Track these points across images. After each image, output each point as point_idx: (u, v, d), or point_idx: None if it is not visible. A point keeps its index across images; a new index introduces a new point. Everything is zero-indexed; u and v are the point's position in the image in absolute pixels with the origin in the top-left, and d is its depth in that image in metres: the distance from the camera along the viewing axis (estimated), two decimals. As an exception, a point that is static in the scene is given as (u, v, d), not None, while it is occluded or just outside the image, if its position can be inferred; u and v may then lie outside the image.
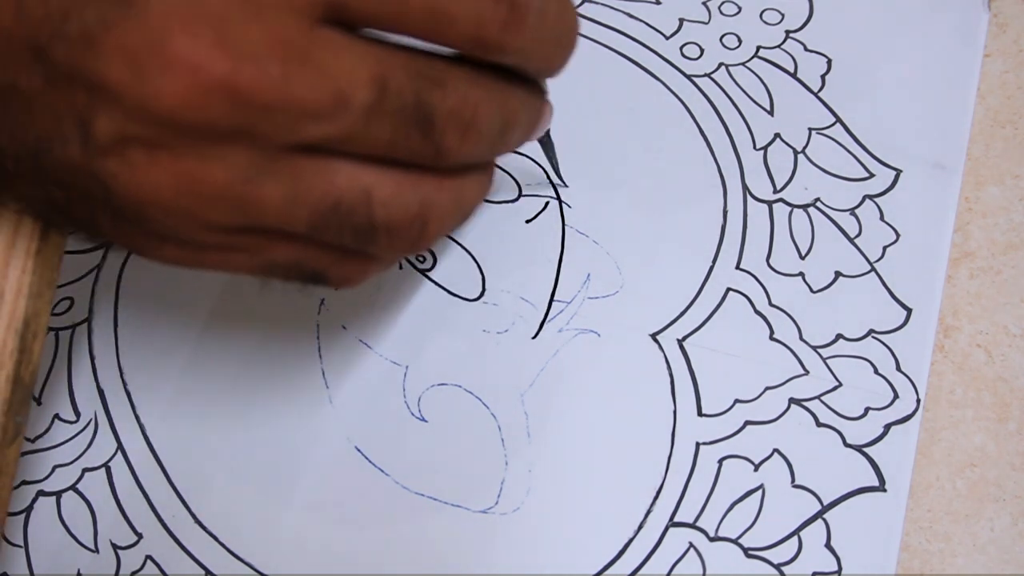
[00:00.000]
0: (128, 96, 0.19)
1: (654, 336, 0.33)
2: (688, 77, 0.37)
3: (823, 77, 0.37)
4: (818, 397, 0.31)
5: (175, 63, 0.18)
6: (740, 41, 0.38)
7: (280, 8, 0.19)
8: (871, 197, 0.34)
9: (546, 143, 0.33)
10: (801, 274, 0.33)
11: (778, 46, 0.38)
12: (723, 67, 0.37)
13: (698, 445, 0.31)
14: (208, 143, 0.20)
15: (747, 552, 0.29)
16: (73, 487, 0.32)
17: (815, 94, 0.37)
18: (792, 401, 0.31)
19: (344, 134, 0.20)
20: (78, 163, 0.20)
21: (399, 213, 0.22)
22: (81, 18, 0.19)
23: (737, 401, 0.31)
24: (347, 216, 0.22)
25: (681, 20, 0.39)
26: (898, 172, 0.35)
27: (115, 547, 0.31)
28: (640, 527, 0.30)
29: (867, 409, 0.31)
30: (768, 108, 0.36)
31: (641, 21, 0.39)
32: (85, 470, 0.33)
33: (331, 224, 0.22)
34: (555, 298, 0.33)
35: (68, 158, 0.20)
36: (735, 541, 0.29)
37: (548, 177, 0.35)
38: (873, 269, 0.33)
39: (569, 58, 0.24)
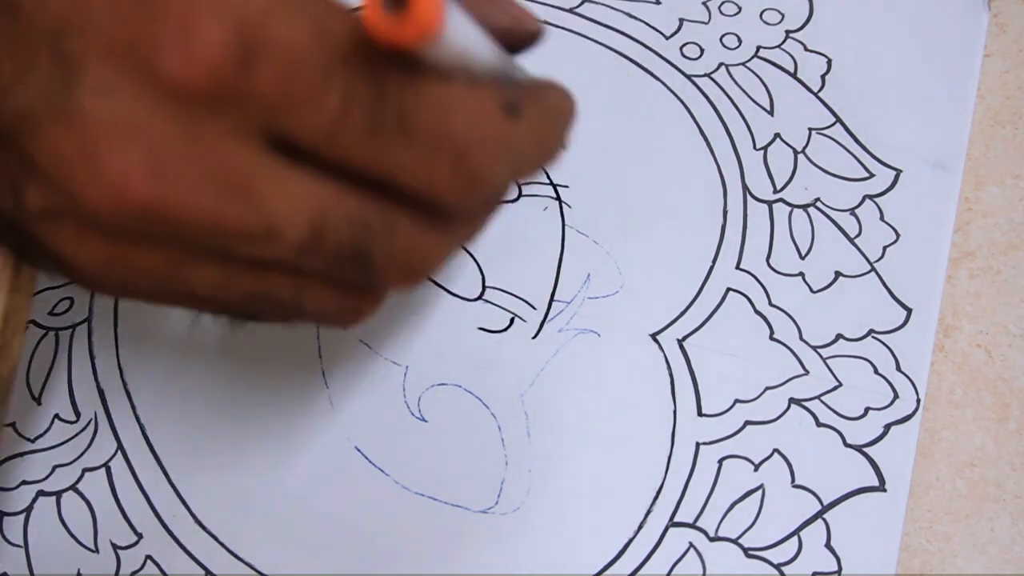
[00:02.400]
0: (57, 185, 0.18)
1: (654, 336, 0.33)
2: (688, 77, 0.37)
3: (823, 77, 0.37)
4: (818, 397, 0.31)
5: (103, 178, 0.18)
6: (740, 41, 0.38)
7: (222, 134, 0.18)
8: (871, 197, 0.34)
9: None
10: (801, 274, 0.33)
11: (778, 46, 0.38)
12: (723, 67, 0.37)
13: (698, 445, 0.31)
14: (137, 237, 0.19)
15: (747, 552, 0.29)
16: (73, 487, 0.32)
17: (815, 94, 0.37)
18: (792, 401, 0.31)
19: (273, 259, 0.20)
20: (13, 215, 0.20)
21: (330, 306, 0.22)
22: (21, 99, 0.18)
23: (737, 401, 0.31)
24: (276, 304, 0.22)
25: (681, 20, 0.39)
26: (898, 172, 0.35)
27: (115, 547, 0.31)
28: (640, 527, 0.30)
29: (867, 409, 0.31)
30: (768, 108, 0.36)
31: (641, 21, 0.39)
32: (85, 470, 0.32)
33: (260, 307, 0.22)
34: (555, 298, 0.33)
35: (5, 208, 0.20)
36: (735, 541, 0.29)
37: (548, 178, 0.35)
38: (873, 269, 0.33)
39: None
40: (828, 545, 0.29)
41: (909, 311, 0.32)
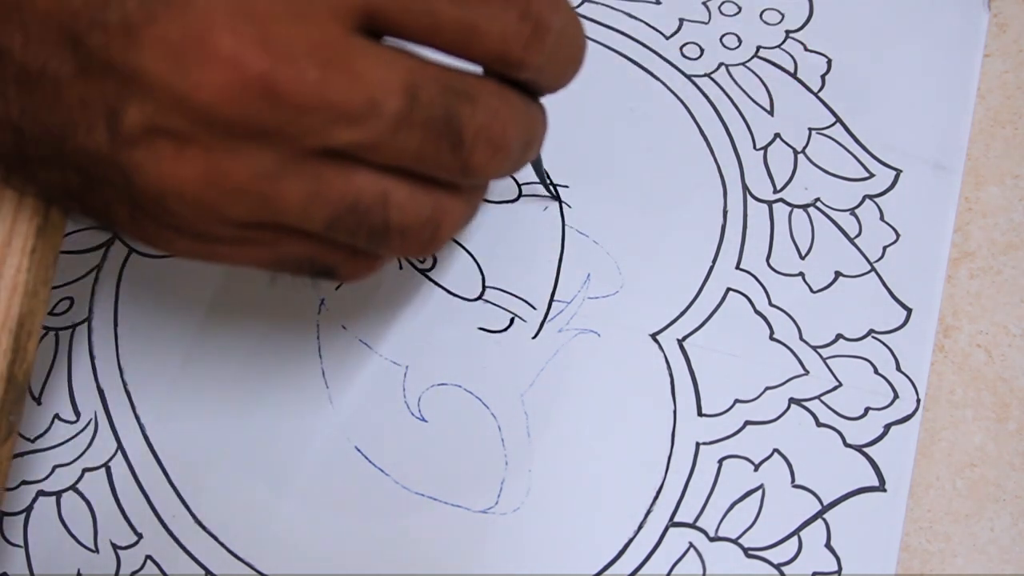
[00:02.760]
0: (164, 88, 0.19)
1: (654, 336, 0.33)
2: (688, 77, 0.37)
3: (823, 77, 0.37)
4: (818, 397, 0.31)
5: (216, 57, 0.19)
6: (740, 41, 0.38)
7: (322, 13, 0.19)
8: (871, 197, 0.34)
9: (535, 159, 0.33)
10: (801, 274, 0.33)
11: (778, 46, 0.38)
12: (723, 67, 0.37)
13: (698, 445, 0.31)
14: (238, 139, 0.20)
15: (747, 552, 0.29)
16: (73, 487, 0.32)
17: (815, 94, 0.37)
18: (792, 401, 0.31)
19: (371, 142, 0.20)
20: (102, 152, 0.20)
21: (413, 216, 0.22)
22: (123, 8, 0.19)
23: (737, 401, 0.31)
24: (363, 217, 0.22)
25: (681, 20, 0.39)
26: (898, 172, 0.35)
27: (115, 547, 0.31)
28: (640, 527, 0.30)
29: (867, 409, 0.31)
30: (768, 108, 0.36)
31: (641, 21, 0.39)
32: (85, 470, 0.33)
33: (347, 224, 0.22)
34: (555, 298, 0.33)
35: (92, 146, 0.20)
36: (735, 541, 0.29)
37: (544, 182, 0.35)
38: (873, 269, 0.33)
39: (575, 77, 0.24)
40: (828, 545, 0.29)
41: (909, 311, 0.32)
